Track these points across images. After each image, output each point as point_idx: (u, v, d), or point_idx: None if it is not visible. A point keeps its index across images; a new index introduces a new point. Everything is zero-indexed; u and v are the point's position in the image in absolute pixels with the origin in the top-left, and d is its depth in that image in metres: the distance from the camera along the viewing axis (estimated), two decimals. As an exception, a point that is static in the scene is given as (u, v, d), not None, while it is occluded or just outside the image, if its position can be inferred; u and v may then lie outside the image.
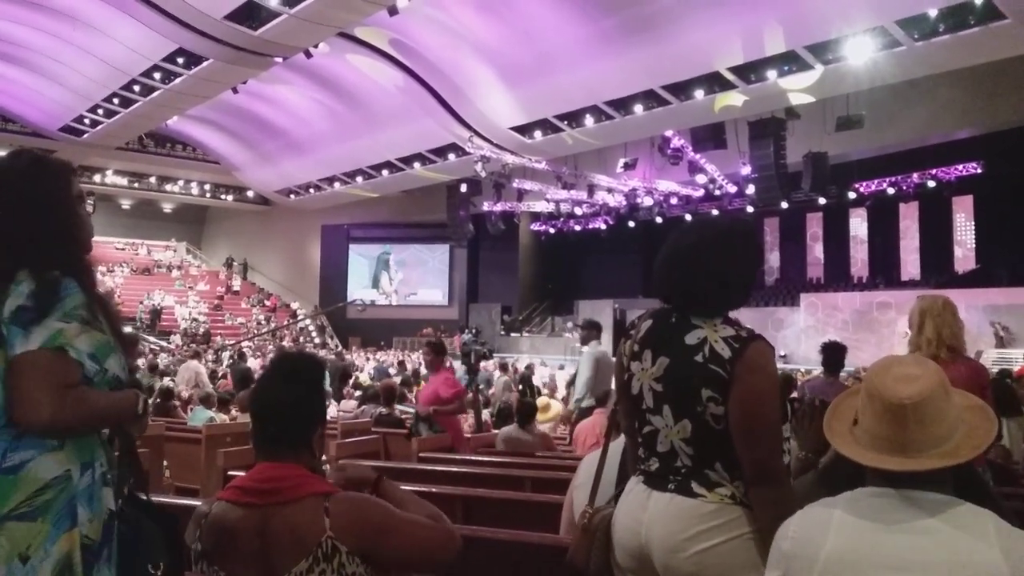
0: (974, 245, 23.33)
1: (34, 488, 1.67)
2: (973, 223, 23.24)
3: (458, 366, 14.12)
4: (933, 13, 13.25)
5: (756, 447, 1.89)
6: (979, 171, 20.03)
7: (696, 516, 1.90)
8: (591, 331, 7.44)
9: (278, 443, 1.83)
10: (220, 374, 14.34)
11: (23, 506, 1.65)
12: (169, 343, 25.70)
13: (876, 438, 1.46)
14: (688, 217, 22.52)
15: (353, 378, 14.54)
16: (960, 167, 20.22)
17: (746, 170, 19.33)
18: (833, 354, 5.96)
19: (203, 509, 1.85)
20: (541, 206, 25.61)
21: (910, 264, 24.43)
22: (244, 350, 17.25)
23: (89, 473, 1.76)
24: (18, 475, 1.66)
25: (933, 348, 3.40)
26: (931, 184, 20.68)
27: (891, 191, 21.39)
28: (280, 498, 1.76)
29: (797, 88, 16.02)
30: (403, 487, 2.04)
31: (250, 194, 33.73)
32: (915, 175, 20.85)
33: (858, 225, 25.59)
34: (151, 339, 25.10)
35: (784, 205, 20.87)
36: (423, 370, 17.69)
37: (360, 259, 34.74)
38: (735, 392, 1.89)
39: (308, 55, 18.23)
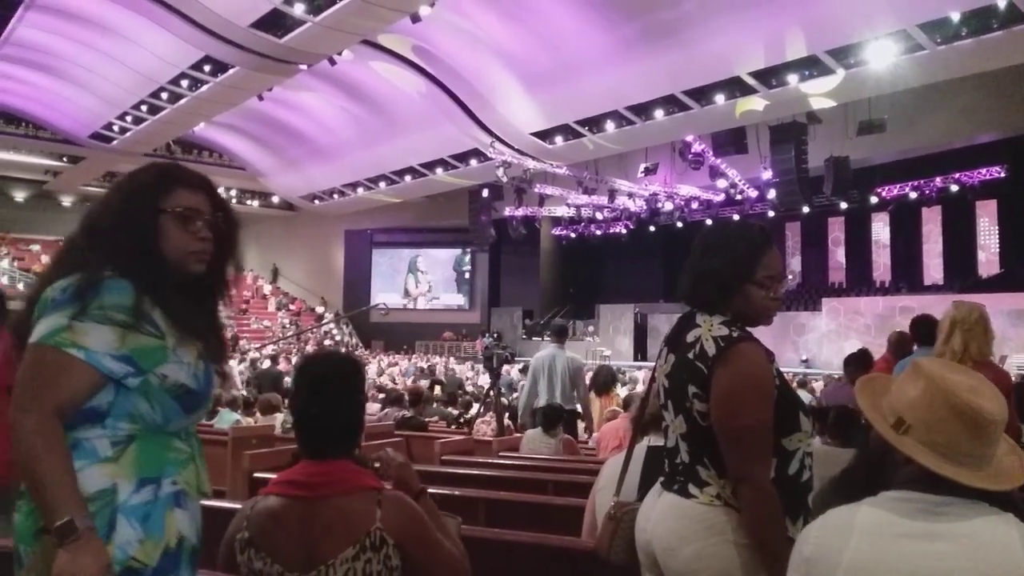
0: (998, 249, 23.13)
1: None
2: (997, 227, 23.05)
3: (480, 370, 14.19)
4: (956, 17, 13.15)
5: (729, 448, 1.91)
6: (1003, 175, 19.86)
7: (689, 517, 1.94)
8: (555, 336, 7.57)
9: (325, 444, 1.89)
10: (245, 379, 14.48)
11: None
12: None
13: (956, 451, 1.40)
14: (709, 222, 22.49)
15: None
16: (983, 171, 20.05)
17: (767, 174, 19.28)
18: (858, 361, 5.93)
19: (250, 503, 1.92)
20: (562, 211, 25.66)
21: (933, 269, 24.25)
22: (275, 355, 17.44)
23: (149, 490, 1.62)
24: None
25: (957, 360, 3.26)
26: (954, 188, 20.51)
27: (913, 195, 21.24)
28: (331, 490, 1.83)
29: (818, 92, 15.97)
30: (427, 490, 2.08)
31: (275, 200, 33.98)
32: (938, 179, 20.68)
33: (880, 230, 25.43)
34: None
35: (806, 209, 20.84)
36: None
37: (383, 263, 34.91)
38: (712, 390, 1.93)
39: (332, 62, 18.38)
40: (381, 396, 11.23)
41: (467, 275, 34.45)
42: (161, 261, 1.71)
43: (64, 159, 28.23)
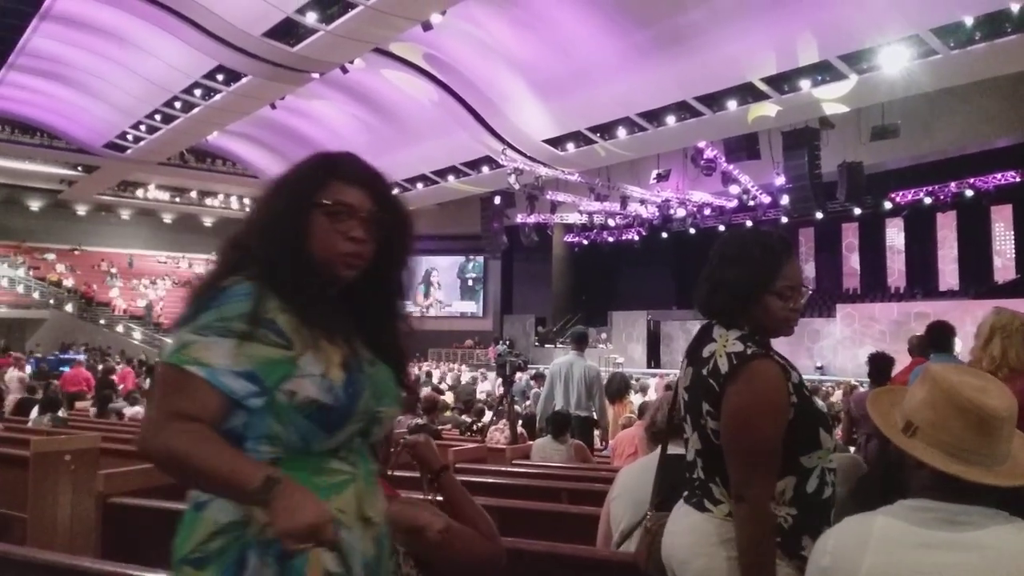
0: (1014, 255, 22.96)
1: (208, 531, 1.42)
2: (1013, 232, 22.88)
3: (492, 377, 14.18)
4: (969, 21, 13.09)
5: (731, 465, 1.89)
6: (1018, 180, 19.75)
7: (701, 531, 1.92)
8: (574, 343, 7.54)
9: None
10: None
11: (198, 551, 1.42)
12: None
13: (964, 450, 1.40)
14: (721, 228, 22.44)
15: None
16: (998, 176, 19.94)
17: (780, 180, 19.23)
18: (880, 364, 5.91)
19: None
20: (574, 218, 25.68)
21: (948, 274, 24.09)
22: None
23: None
24: (201, 513, 1.44)
25: (994, 367, 3.23)
26: (969, 193, 20.41)
27: (928, 200, 21.15)
28: None
29: (831, 98, 15.91)
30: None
31: (288, 207, 34.09)
32: (952, 184, 20.58)
33: (894, 235, 25.29)
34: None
35: (819, 215, 20.77)
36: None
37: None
38: (722, 408, 1.90)
39: (344, 71, 18.46)
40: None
41: (470, 282, 34.45)
42: (308, 261, 1.52)
43: (79, 168, 28.42)
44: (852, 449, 5.76)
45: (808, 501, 1.91)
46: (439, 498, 1.95)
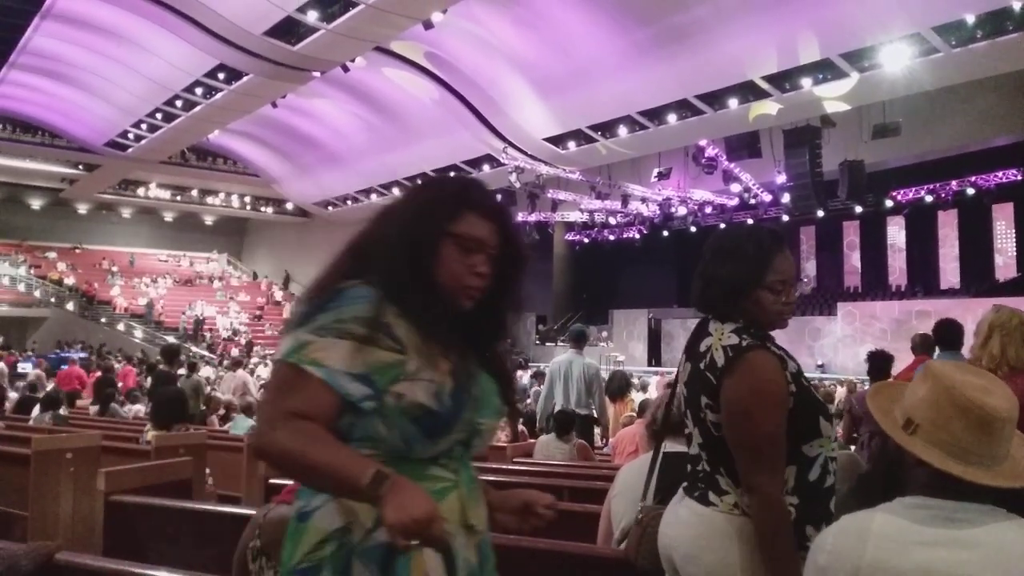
0: (1015, 253, 22.95)
1: (316, 540, 1.43)
2: (1014, 230, 22.87)
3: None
4: (971, 19, 13.07)
5: (739, 458, 1.90)
6: (1019, 178, 19.70)
7: (708, 525, 1.92)
8: (573, 341, 7.49)
9: None
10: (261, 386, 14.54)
11: (305, 560, 1.43)
12: (216, 354, 26.06)
13: (963, 449, 1.39)
14: (722, 227, 22.41)
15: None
16: (1000, 174, 19.91)
17: (781, 179, 19.21)
18: (879, 363, 5.91)
19: (262, 511, 1.90)
20: (575, 216, 25.66)
21: (949, 272, 24.08)
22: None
23: None
24: (307, 523, 1.45)
25: (994, 365, 3.24)
26: (970, 191, 20.37)
27: (929, 199, 21.12)
28: None
29: (832, 96, 15.90)
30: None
31: (289, 206, 34.15)
32: (953, 183, 20.55)
33: (896, 233, 25.28)
34: (194, 349, 25.49)
35: (820, 214, 20.76)
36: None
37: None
38: (721, 401, 1.92)
39: (345, 69, 18.47)
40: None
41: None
42: (433, 287, 1.53)
43: (80, 167, 28.46)
44: (852, 448, 5.75)
45: (810, 490, 1.92)
46: None
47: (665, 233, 25.53)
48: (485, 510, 1.58)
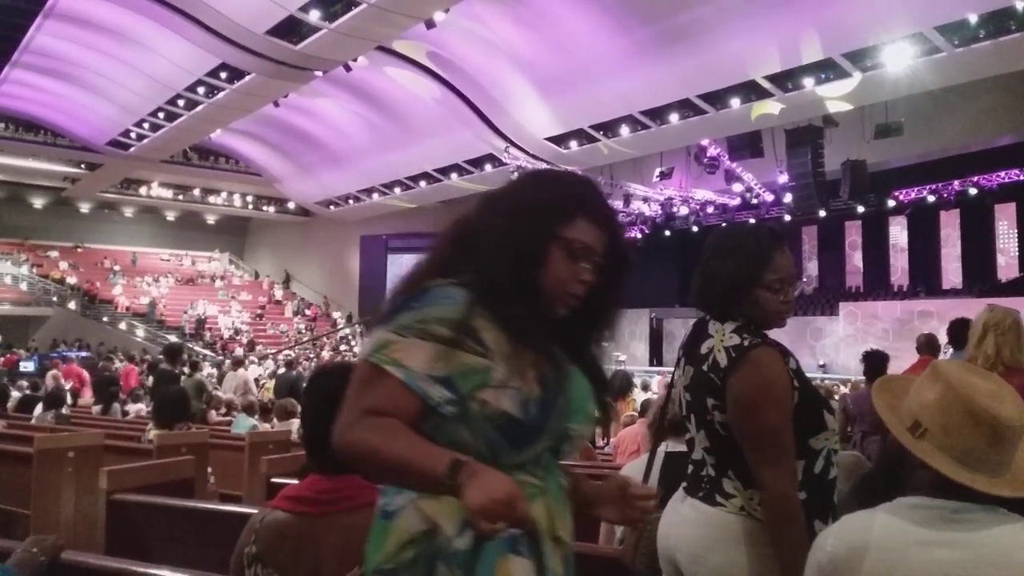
0: (1018, 253, 22.91)
1: (400, 541, 1.38)
2: (1016, 230, 22.82)
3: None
4: (973, 19, 13.08)
5: (749, 453, 1.90)
6: (1022, 178, 19.70)
7: (716, 526, 1.92)
8: None
9: (333, 458, 1.86)
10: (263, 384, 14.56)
11: (390, 561, 1.38)
12: (219, 353, 26.07)
13: (972, 456, 1.38)
14: (724, 226, 22.38)
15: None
16: (1002, 174, 19.90)
17: (783, 178, 19.21)
18: (875, 363, 5.91)
19: (258, 516, 1.88)
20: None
21: (951, 272, 24.04)
22: (293, 359, 17.54)
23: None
24: (391, 522, 1.41)
25: (989, 365, 3.23)
26: (972, 191, 20.37)
27: (931, 199, 21.11)
28: (337, 507, 1.80)
29: (835, 96, 15.89)
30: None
31: (291, 206, 34.16)
32: (956, 182, 20.54)
33: (898, 233, 25.23)
34: (197, 348, 25.50)
35: (822, 213, 20.73)
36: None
37: (398, 269, 34.98)
38: (727, 399, 1.92)
39: (347, 68, 18.48)
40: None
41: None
42: (535, 292, 1.46)
43: (82, 166, 28.47)
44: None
45: (816, 483, 1.93)
46: None
47: (667, 233, 25.49)
48: (571, 521, 1.52)
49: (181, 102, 21.07)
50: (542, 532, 1.41)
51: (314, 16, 15.24)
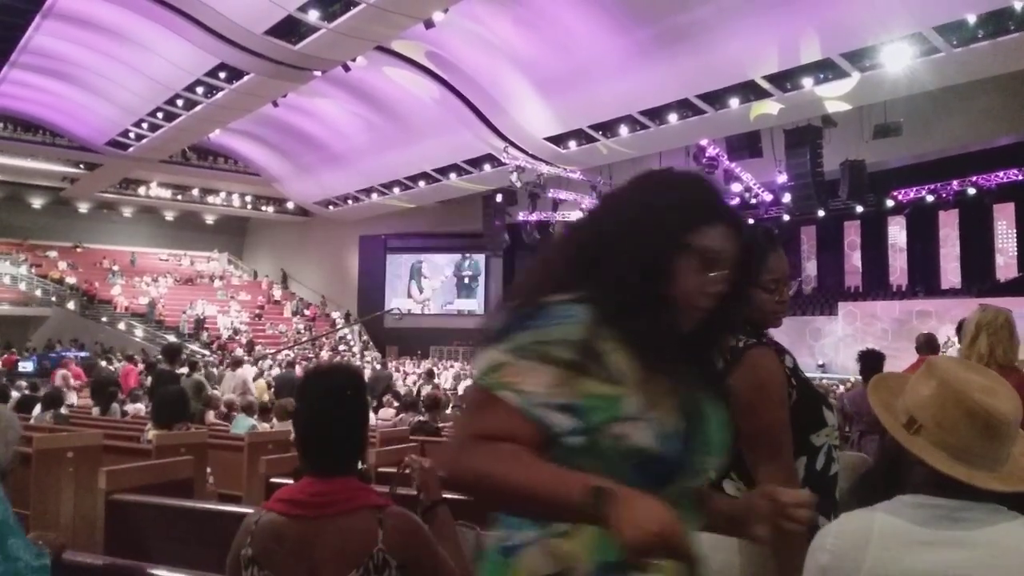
0: (1016, 253, 22.91)
1: None
2: (1015, 230, 22.83)
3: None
4: (972, 19, 13.10)
5: (749, 451, 1.90)
6: (1020, 178, 19.71)
7: None
8: None
9: (327, 460, 1.86)
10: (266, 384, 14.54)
11: None
12: (216, 353, 26.05)
13: (968, 452, 1.36)
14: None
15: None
16: (1001, 174, 19.91)
17: (782, 178, 19.23)
18: (871, 362, 5.92)
19: (253, 517, 1.87)
20: (576, 216, 25.63)
21: (950, 272, 24.04)
22: (292, 359, 17.52)
23: None
24: (510, 560, 1.28)
25: (982, 364, 3.14)
26: (971, 191, 20.38)
27: (930, 199, 21.13)
28: (332, 510, 1.79)
29: (834, 96, 15.90)
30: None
31: (290, 206, 34.14)
32: (955, 182, 20.56)
33: (897, 233, 25.23)
34: (196, 348, 25.48)
35: (821, 213, 20.76)
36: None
37: (397, 268, 35.01)
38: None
39: (346, 68, 18.47)
40: (396, 403, 11.24)
41: (467, 280, 34.47)
42: (664, 305, 1.32)
43: (81, 166, 28.46)
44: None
45: (817, 479, 1.94)
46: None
47: (666, 233, 25.50)
48: (700, 550, 1.29)
49: (180, 102, 21.06)
50: (670, 572, 1.21)
51: (313, 16, 15.24)
